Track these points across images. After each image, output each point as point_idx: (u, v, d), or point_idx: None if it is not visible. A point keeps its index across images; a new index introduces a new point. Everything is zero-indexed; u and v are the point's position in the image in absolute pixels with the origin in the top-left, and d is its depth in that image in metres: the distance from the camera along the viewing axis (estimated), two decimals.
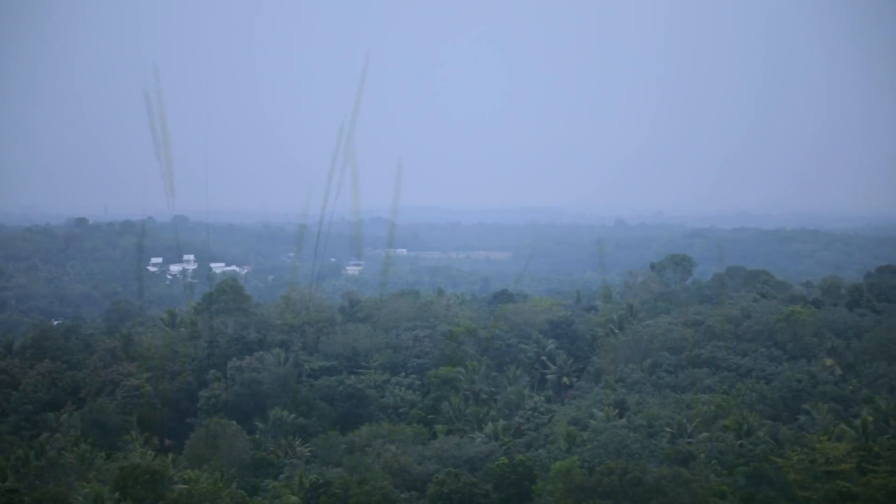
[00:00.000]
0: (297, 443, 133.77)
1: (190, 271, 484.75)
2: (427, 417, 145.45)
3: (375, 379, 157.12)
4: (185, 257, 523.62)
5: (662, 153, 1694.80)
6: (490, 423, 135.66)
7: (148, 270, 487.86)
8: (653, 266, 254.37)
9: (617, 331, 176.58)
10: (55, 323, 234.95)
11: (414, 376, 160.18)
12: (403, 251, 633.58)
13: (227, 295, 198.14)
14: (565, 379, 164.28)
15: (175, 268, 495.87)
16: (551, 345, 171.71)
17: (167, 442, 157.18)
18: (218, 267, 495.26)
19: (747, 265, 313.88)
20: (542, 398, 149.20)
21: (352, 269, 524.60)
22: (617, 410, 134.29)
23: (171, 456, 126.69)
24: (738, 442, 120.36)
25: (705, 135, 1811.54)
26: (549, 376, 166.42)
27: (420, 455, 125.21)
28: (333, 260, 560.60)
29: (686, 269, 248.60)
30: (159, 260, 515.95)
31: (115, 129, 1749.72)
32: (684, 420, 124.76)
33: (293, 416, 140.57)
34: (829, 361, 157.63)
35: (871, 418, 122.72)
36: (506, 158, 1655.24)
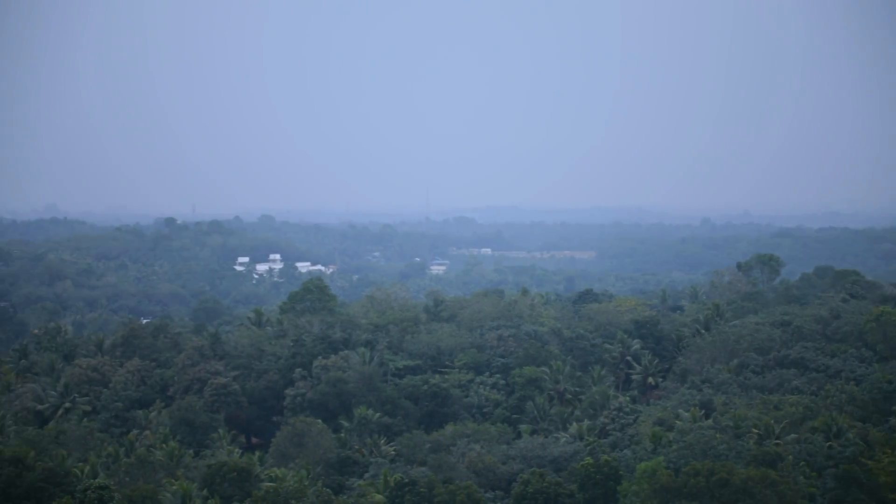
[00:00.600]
0: (382, 441, 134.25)
1: (276, 270, 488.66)
2: (511, 417, 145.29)
3: (460, 378, 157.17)
4: (272, 257, 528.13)
5: (743, 151, 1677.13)
6: (575, 423, 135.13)
7: (234, 269, 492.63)
8: (740, 266, 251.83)
9: (703, 331, 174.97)
10: (144, 321, 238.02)
11: (498, 376, 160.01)
12: (487, 251, 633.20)
13: (313, 294, 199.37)
14: (650, 379, 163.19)
15: (261, 267, 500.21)
16: (636, 345, 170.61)
17: (254, 440, 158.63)
18: (304, 266, 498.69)
19: (836, 265, 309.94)
20: (628, 398, 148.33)
21: (436, 269, 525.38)
22: (703, 411, 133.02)
23: (257, 454, 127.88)
24: (827, 444, 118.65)
25: (782, 132, 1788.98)
26: (634, 376, 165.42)
27: (504, 455, 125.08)
28: (418, 259, 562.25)
29: (773, 268, 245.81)
30: (246, 259, 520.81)
31: (201, 131, 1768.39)
32: (772, 421, 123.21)
33: (378, 414, 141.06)
34: None
35: None
36: (589, 158, 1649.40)
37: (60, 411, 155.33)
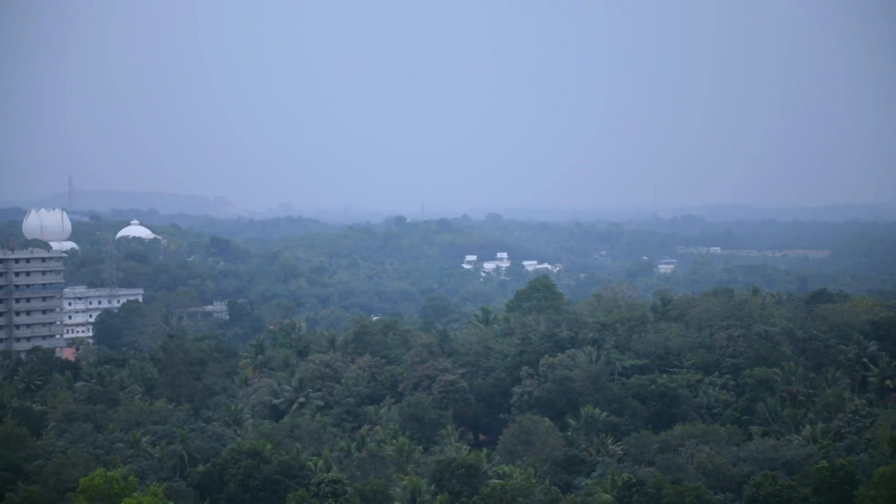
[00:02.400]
0: (609, 441, 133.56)
1: (503, 269, 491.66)
2: (741, 418, 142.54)
3: (688, 378, 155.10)
4: (499, 255, 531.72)
5: None
6: (808, 426, 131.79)
7: (462, 267, 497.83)
8: None
9: None
10: (374, 318, 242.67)
11: (728, 376, 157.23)
12: (717, 249, 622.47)
13: (539, 293, 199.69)
14: (888, 382, 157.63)
15: (488, 265, 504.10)
16: (873, 346, 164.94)
17: (481, 437, 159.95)
18: (530, 264, 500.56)
19: None
20: (864, 401, 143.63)
21: (664, 268, 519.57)
22: None
23: (485, 451, 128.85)
24: None
25: None
26: (870, 379, 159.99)
27: (735, 456, 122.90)
28: (645, 258, 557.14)
29: None
30: (473, 257, 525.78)
31: (431, 132, 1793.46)
32: None
33: (605, 413, 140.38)
34: None
35: None
36: (825, 154, 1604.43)
37: (295, 406, 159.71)
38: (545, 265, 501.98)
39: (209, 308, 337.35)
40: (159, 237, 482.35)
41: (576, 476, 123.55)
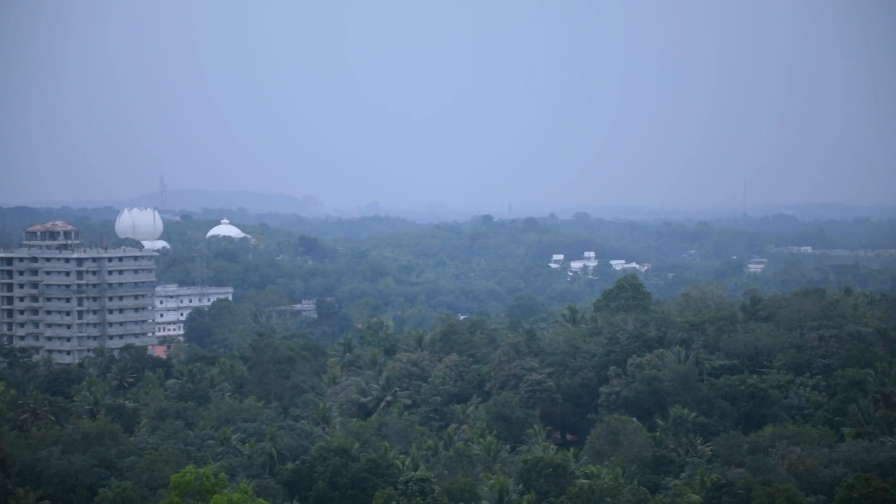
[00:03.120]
0: (698, 441, 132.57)
1: (590, 268, 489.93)
2: (833, 419, 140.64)
3: (778, 379, 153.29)
4: (586, 254, 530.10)
5: None
6: None
7: (549, 267, 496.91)
8: None
9: None
10: (461, 317, 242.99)
11: (819, 377, 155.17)
12: (808, 249, 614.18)
13: (627, 292, 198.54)
14: None
15: (576, 264, 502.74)
16: None
17: (568, 436, 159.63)
18: (618, 264, 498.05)
19: None
20: None
21: (753, 267, 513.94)
22: None
23: (572, 450, 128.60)
24: None
25: None
26: None
27: (826, 458, 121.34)
28: (734, 258, 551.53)
29: None
30: (560, 256, 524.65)
31: (519, 129, 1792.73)
32: None
33: (693, 414, 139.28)
34: None
35: None
36: None
37: (382, 404, 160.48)
38: (633, 264, 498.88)
39: (297, 307, 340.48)
40: (249, 236, 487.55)
41: (664, 477, 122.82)
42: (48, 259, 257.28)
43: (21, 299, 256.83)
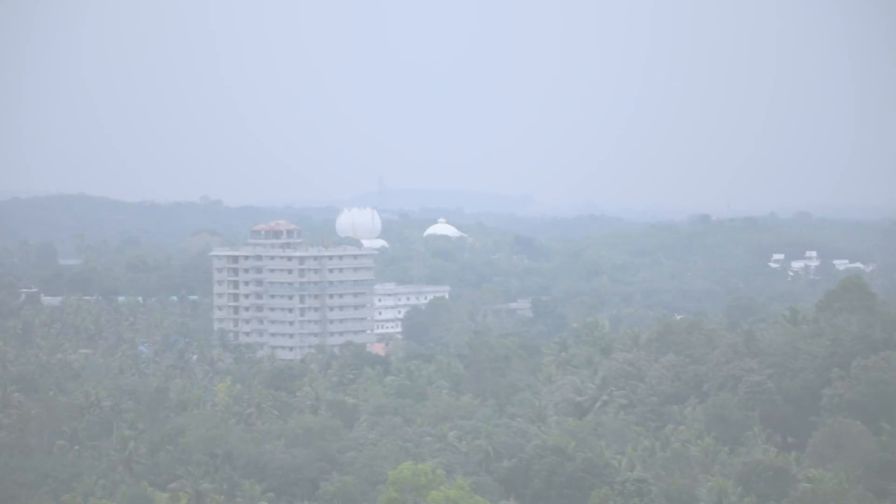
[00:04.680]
0: None
1: (812, 268, 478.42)
2: None
3: None
4: (808, 254, 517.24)
5: None
6: None
7: (769, 266, 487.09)
8: None
9: None
10: (678, 317, 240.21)
11: None
12: None
13: (851, 293, 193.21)
14: None
15: (797, 264, 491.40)
16: None
17: (789, 439, 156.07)
18: (841, 264, 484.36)
19: None
20: None
21: None
22: None
23: (793, 454, 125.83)
24: None
25: None
26: None
27: None
28: None
29: None
30: (781, 256, 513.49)
31: (735, 127, 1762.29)
32: None
33: None
34: None
35: None
36: None
37: (598, 403, 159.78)
38: (857, 264, 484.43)
39: (513, 305, 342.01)
40: (465, 235, 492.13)
41: (891, 482, 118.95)
42: (272, 257, 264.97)
43: (246, 296, 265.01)
